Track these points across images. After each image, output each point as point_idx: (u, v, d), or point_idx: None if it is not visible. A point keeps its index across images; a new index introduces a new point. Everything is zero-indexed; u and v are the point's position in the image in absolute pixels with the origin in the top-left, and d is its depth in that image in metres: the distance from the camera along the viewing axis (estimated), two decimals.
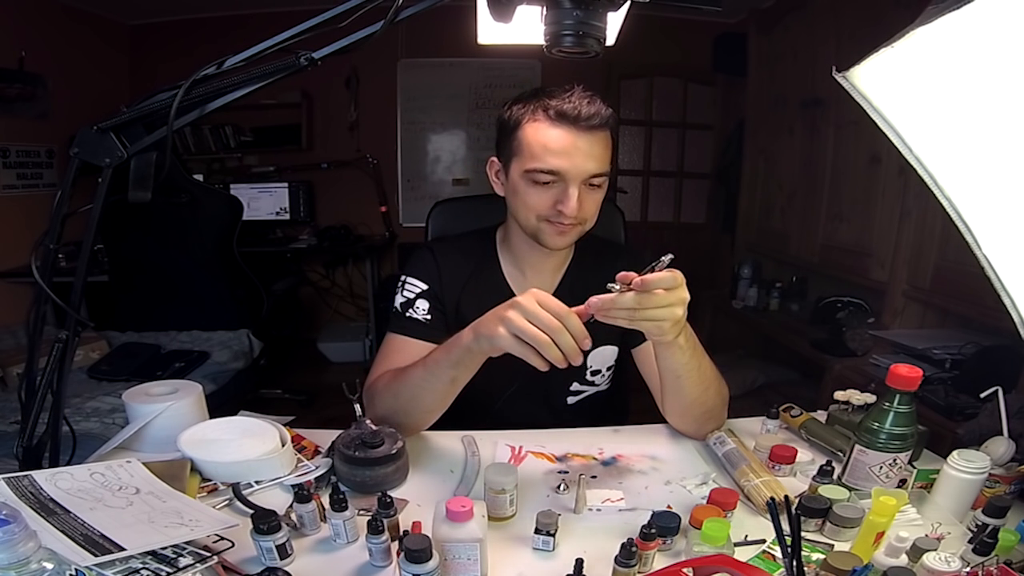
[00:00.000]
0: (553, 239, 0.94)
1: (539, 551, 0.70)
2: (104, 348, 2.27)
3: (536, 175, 0.89)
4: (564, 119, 0.87)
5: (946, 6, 0.46)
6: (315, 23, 0.65)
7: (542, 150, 0.88)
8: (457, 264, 1.06)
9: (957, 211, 0.54)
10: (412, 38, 3.41)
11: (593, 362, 1.08)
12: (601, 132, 0.89)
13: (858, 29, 2.27)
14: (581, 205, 0.90)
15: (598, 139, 0.88)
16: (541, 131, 0.88)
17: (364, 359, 3.46)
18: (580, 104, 0.86)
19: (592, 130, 0.87)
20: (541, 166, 0.88)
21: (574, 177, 0.88)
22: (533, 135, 0.89)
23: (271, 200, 3.46)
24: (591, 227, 0.97)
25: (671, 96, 3.84)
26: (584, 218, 0.93)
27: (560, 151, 0.87)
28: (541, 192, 0.91)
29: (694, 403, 0.90)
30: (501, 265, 1.07)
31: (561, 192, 0.90)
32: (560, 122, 0.87)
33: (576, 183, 0.89)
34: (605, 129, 0.89)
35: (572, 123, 0.86)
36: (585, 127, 0.87)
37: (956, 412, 1.53)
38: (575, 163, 0.87)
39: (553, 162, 0.88)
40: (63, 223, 0.69)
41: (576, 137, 0.87)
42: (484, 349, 0.76)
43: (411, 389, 0.87)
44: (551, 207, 0.91)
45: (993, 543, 0.63)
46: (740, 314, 2.99)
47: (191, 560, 0.57)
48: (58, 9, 3.01)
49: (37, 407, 0.72)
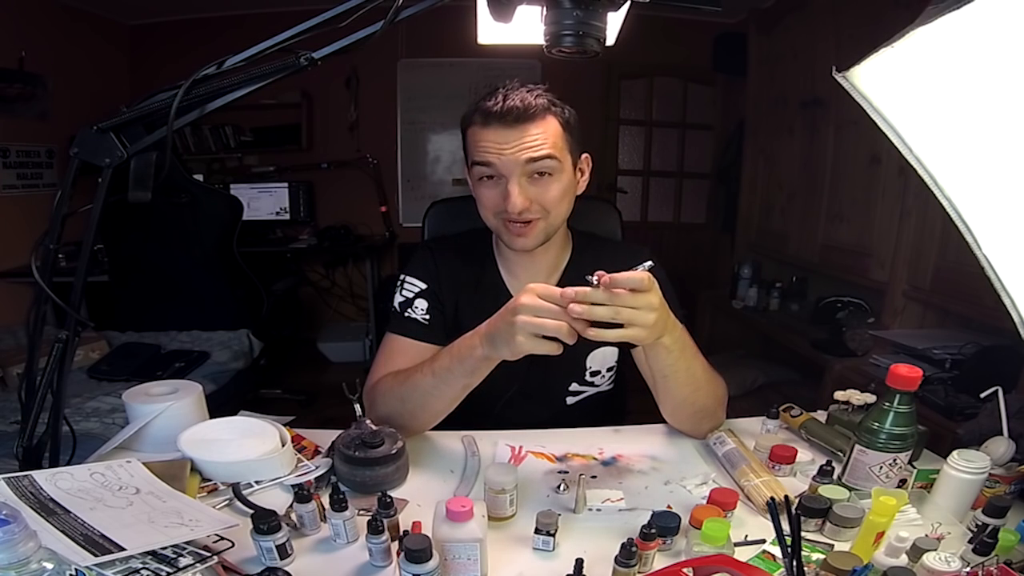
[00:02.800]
0: (514, 240, 0.95)
1: (539, 551, 0.70)
2: (104, 348, 2.26)
3: (476, 170, 0.93)
4: (490, 118, 0.90)
5: (946, 6, 0.46)
6: (315, 23, 0.65)
7: (477, 149, 0.92)
8: (455, 263, 1.06)
9: (957, 211, 0.54)
10: (412, 38, 3.41)
11: (593, 363, 1.08)
12: (532, 123, 0.89)
13: (858, 29, 2.27)
14: (530, 199, 0.91)
15: (532, 127, 0.89)
16: (476, 133, 0.93)
17: (364, 359, 3.46)
18: (505, 100, 0.89)
19: (519, 123, 0.89)
20: (476, 159, 0.93)
21: (510, 170, 0.90)
22: (471, 137, 0.94)
23: (271, 200, 3.45)
24: (558, 221, 0.97)
25: (671, 96, 3.84)
26: (543, 211, 0.93)
27: (490, 148, 0.90)
28: (489, 190, 0.94)
29: (683, 403, 0.91)
30: (498, 265, 1.07)
31: (504, 188, 0.91)
32: (488, 122, 0.90)
33: (515, 177, 0.90)
34: (537, 118, 0.90)
35: (498, 120, 0.89)
36: (511, 121, 0.89)
37: (956, 412, 1.53)
38: (505, 156, 0.90)
39: (486, 158, 0.91)
40: (63, 223, 0.69)
41: (505, 130, 0.89)
42: (504, 355, 0.77)
43: (420, 396, 0.88)
44: (500, 203, 0.92)
45: (993, 543, 0.63)
46: (740, 314, 2.99)
47: (191, 560, 0.57)
48: (58, 9, 3.01)
49: (37, 407, 0.72)
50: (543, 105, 0.90)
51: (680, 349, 0.82)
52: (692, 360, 0.86)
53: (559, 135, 0.92)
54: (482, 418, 1.06)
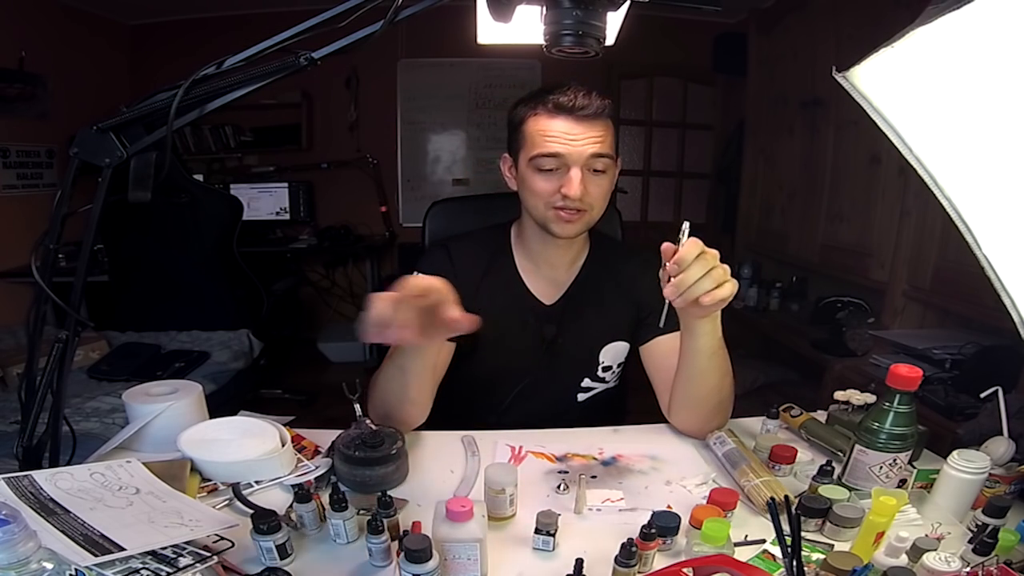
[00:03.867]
0: (561, 227, 0.97)
1: (539, 551, 0.70)
2: (104, 348, 2.26)
3: (539, 161, 0.94)
4: (561, 109, 0.93)
5: (946, 6, 0.46)
6: (315, 23, 0.65)
7: (542, 138, 0.94)
8: (472, 259, 1.08)
9: (957, 211, 0.54)
10: (412, 38, 3.41)
11: (605, 358, 1.09)
12: (599, 120, 0.94)
13: (858, 29, 2.27)
14: (585, 189, 0.94)
15: (596, 125, 0.93)
16: (542, 122, 0.94)
17: (364, 359, 3.45)
18: (576, 96, 0.92)
19: (589, 118, 0.93)
20: (543, 151, 0.94)
21: (575, 159, 0.93)
22: (535, 126, 0.95)
23: (271, 200, 3.46)
24: (598, 216, 1.00)
25: (671, 96, 3.84)
26: (591, 204, 0.96)
27: (559, 136, 0.93)
28: (546, 179, 0.95)
29: (713, 390, 0.91)
30: (515, 259, 1.09)
31: (564, 176, 0.94)
32: (558, 112, 0.93)
33: (577, 165, 0.93)
34: (603, 118, 0.94)
35: (569, 112, 0.92)
36: (582, 115, 0.92)
37: (956, 412, 1.53)
38: (574, 146, 0.93)
39: (553, 146, 0.93)
40: (63, 223, 0.69)
41: (574, 124, 0.92)
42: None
43: (380, 381, 0.92)
44: (556, 192, 0.95)
45: (993, 543, 0.63)
46: (740, 314, 2.99)
47: (191, 560, 0.57)
48: (58, 9, 3.01)
49: (37, 407, 0.72)
50: (607, 107, 0.94)
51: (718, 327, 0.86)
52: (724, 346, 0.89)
53: (613, 138, 0.97)
54: (489, 410, 1.08)
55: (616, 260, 1.10)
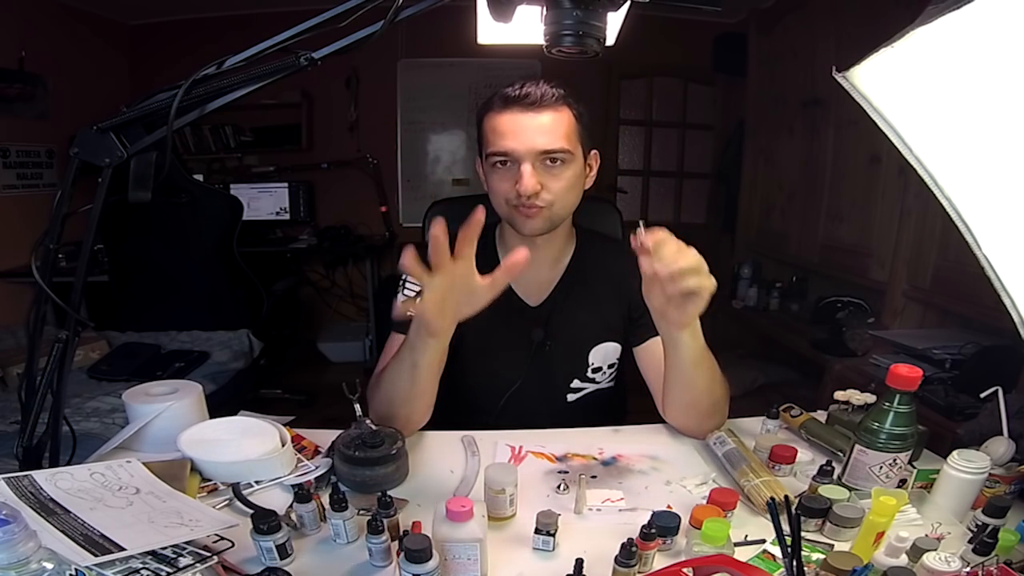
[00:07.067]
0: (523, 223, 0.97)
1: (539, 551, 0.70)
2: (104, 348, 2.26)
3: (492, 159, 0.95)
4: (509, 102, 0.92)
5: (946, 6, 0.46)
6: (315, 23, 0.65)
7: (493, 134, 0.94)
8: None
9: (957, 211, 0.54)
10: (412, 38, 3.41)
11: (595, 359, 1.08)
12: (550, 111, 0.92)
13: (858, 29, 2.27)
14: (542, 185, 0.93)
15: (546, 116, 0.92)
16: (493, 119, 0.94)
17: (364, 359, 3.46)
18: (523, 87, 0.92)
19: (538, 108, 0.91)
20: (494, 148, 0.94)
21: (524, 154, 0.92)
22: (488, 123, 0.96)
23: (271, 200, 3.45)
24: (565, 209, 0.99)
25: (671, 96, 3.84)
26: (550, 200, 0.95)
27: (507, 132, 0.92)
28: (502, 176, 0.95)
29: (704, 393, 0.91)
30: (499, 257, 1.08)
31: (517, 173, 0.93)
32: (506, 105, 0.93)
33: (528, 160, 0.92)
34: (556, 108, 0.93)
35: (516, 103, 0.92)
36: (529, 105, 0.91)
37: (956, 412, 1.53)
38: (521, 140, 0.92)
39: (502, 143, 0.93)
40: (63, 223, 0.69)
41: (522, 116, 0.92)
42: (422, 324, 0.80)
43: (388, 379, 0.90)
44: (512, 189, 0.94)
45: (993, 543, 0.63)
46: (740, 314, 2.99)
47: (191, 560, 0.57)
48: (58, 9, 3.01)
49: (37, 407, 0.72)
50: (559, 95, 0.93)
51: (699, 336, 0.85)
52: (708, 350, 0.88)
53: (572, 127, 0.95)
54: (484, 414, 1.07)
55: (606, 257, 1.08)
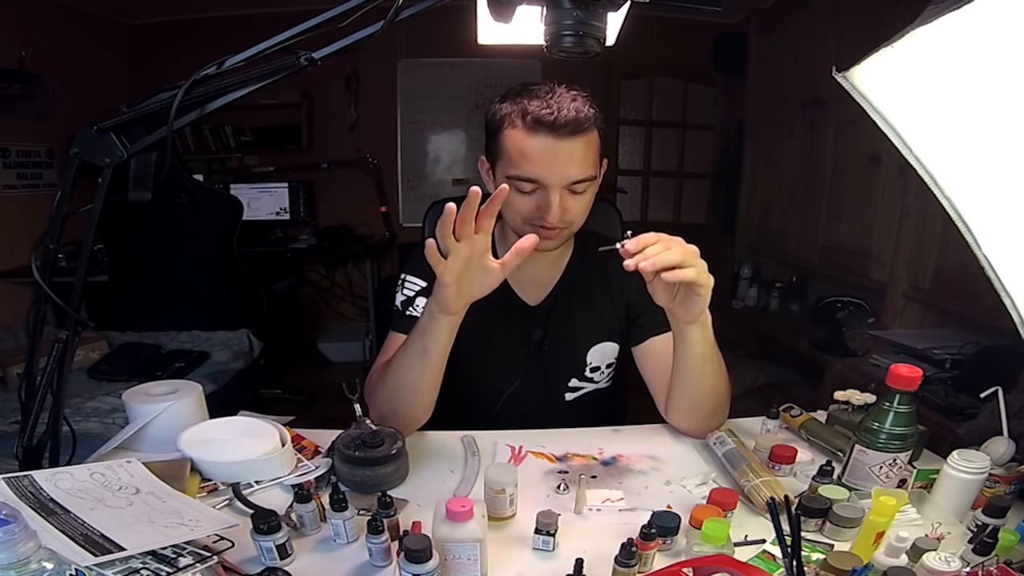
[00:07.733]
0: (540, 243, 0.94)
1: (539, 551, 0.70)
2: (104, 348, 2.26)
3: (517, 183, 0.89)
4: (541, 126, 0.85)
5: (946, 6, 0.46)
6: (315, 23, 0.65)
7: (521, 158, 0.87)
8: None
9: (957, 211, 0.54)
10: (412, 38, 3.41)
11: (593, 358, 1.08)
12: (582, 136, 0.87)
13: (858, 29, 2.27)
14: (565, 210, 0.90)
15: (579, 144, 0.87)
16: (519, 139, 0.87)
17: (364, 359, 3.45)
18: (559, 110, 0.84)
19: (572, 136, 0.85)
20: (521, 174, 0.88)
21: (554, 184, 0.88)
22: (512, 142, 0.88)
23: (271, 200, 3.45)
24: (579, 226, 0.98)
25: (671, 96, 3.84)
26: (570, 221, 0.94)
27: (538, 160, 0.86)
28: (524, 198, 0.91)
29: (709, 394, 0.91)
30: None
31: (543, 199, 0.90)
32: (537, 130, 0.85)
33: (557, 190, 0.88)
34: (588, 132, 0.87)
35: (549, 130, 0.84)
36: (564, 133, 0.85)
37: (956, 412, 1.52)
38: (554, 171, 0.87)
39: (531, 170, 0.87)
40: (63, 223, 0.69)
41: (555, 144, 0.85)
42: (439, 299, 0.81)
43: (395, 370, 0.89)
44: (534, 212, 0.91)
45: (993, 543, 0.63)
46: (740, 314, 2.99)
47: (191, 560, 0.57)
48: (58, 9, 3.01)
49: (37, 407, 0.72)
50: (592, 118, 0.87)
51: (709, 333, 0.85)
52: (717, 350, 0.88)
53: (598, 149, 0.92)
54: (483, 414, 1.07)
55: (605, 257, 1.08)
